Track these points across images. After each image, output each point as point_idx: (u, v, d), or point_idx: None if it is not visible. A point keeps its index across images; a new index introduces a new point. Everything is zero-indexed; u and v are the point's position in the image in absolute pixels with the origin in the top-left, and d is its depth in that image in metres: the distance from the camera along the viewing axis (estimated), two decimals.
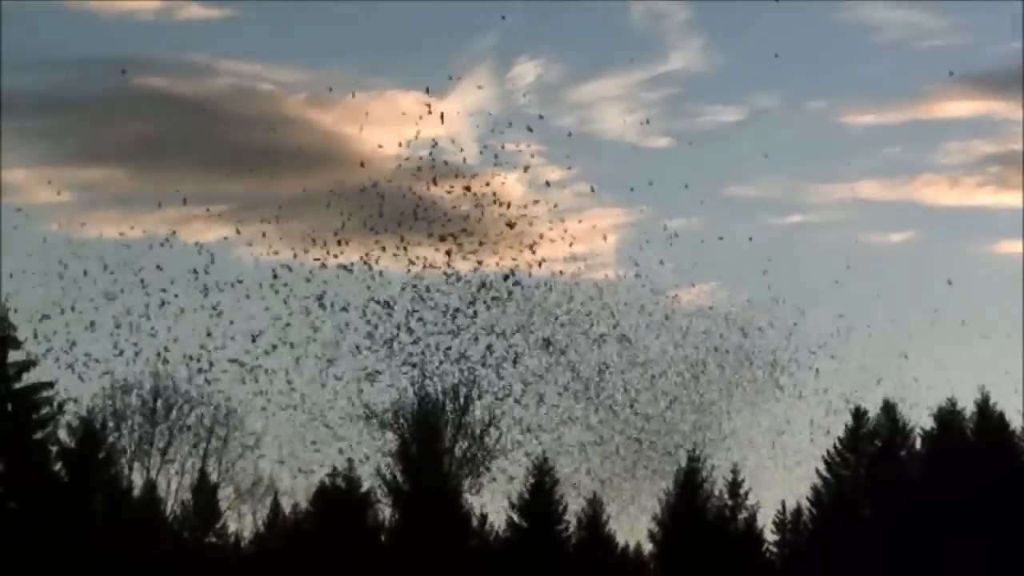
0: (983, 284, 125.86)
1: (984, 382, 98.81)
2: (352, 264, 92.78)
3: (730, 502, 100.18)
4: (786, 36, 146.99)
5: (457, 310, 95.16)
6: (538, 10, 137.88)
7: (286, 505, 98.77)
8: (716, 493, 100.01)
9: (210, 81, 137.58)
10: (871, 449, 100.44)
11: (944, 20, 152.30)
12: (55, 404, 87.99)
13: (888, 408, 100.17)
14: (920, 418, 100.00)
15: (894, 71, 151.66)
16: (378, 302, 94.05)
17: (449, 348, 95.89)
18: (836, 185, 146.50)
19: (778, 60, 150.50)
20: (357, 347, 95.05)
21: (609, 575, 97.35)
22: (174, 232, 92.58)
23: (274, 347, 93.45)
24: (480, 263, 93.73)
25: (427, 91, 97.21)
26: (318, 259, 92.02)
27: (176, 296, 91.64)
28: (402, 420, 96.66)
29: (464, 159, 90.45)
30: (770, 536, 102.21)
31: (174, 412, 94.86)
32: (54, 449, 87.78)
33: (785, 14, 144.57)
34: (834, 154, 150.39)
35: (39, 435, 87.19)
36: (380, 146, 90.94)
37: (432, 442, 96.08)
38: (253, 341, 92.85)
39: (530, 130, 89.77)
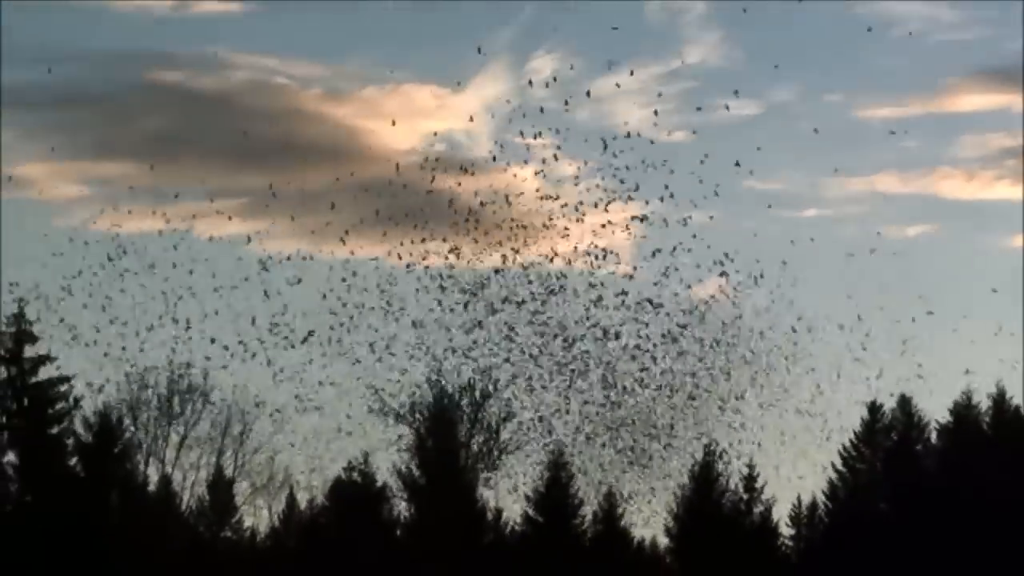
0: (999, 277, 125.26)
1: (1000, 376, 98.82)
2: (368, 258, 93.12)
3: (745, 496, 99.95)
4: (803, 30, 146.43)
5: (473, 304, 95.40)
6: (554, 6, 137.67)
7: (302, 499, 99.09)
8: (732, 487, 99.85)
9: (226, 75, 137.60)
10: (887, 443, 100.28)
11: (962, 14, 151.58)
12: (71, 399, 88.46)
13: (904, 402, 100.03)
14: (936, 412, 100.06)
15: (911, 65, 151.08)
16: (393, 296, 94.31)
17: (464, 342, 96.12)
18: (853, 179, 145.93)
19: (795, 54, 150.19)
20: (373, 341, 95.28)
21: (625, 569, 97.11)
22: (190, 226, 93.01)
23: (290, 341, 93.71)
24: (496, 257, 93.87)
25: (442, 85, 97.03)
26: (334, 253, 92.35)
27: (192, 290, 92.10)
28: (418, 414, 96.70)
29: (480, 153, 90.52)
30: (786, 530, 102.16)
31: (190, 407, 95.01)
32: (70, 443, 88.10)
33: (802, 8, 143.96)
34: (851, 148, 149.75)
35: (55, 429, 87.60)
36: (396, 140, 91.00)
37: (448, 436, 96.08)
38: (270, 333, 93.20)
39: (541, 133, 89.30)
